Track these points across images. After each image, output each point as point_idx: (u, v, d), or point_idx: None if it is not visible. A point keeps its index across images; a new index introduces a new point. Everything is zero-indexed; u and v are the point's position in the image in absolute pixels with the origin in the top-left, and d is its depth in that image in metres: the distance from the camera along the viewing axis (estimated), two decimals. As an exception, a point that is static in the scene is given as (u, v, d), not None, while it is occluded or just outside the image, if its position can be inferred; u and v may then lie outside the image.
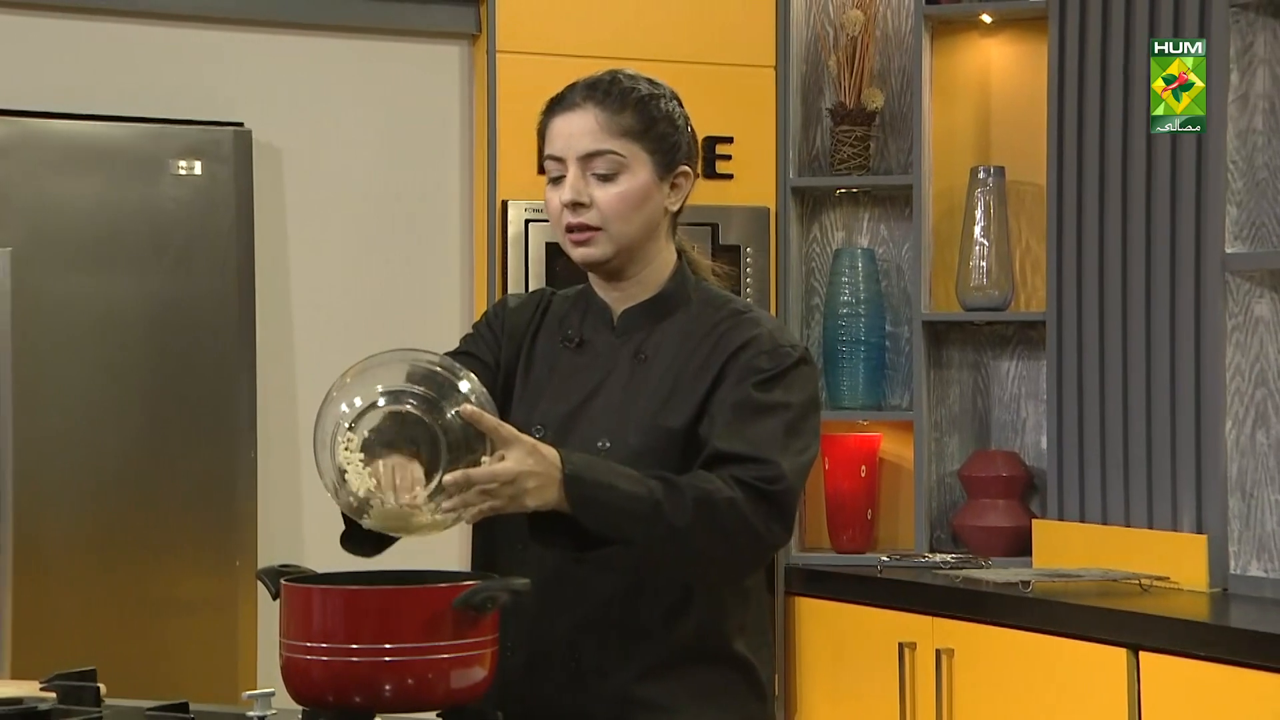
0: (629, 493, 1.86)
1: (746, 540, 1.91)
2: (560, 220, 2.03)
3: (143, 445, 3.53)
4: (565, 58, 3.80)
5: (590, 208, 2.01)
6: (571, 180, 2.01)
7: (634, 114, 2.01)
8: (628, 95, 2.02)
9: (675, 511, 1.87)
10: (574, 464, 1.85)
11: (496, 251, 3.86)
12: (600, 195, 2.00)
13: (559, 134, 2.03)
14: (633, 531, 1.86)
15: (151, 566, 3.52)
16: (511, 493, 1.81)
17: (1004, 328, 4.05)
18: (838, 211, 4.18)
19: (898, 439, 4.07)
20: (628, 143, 2.00)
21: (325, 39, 3.87)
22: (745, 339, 2.01)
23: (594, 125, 2.00)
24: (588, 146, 2.00)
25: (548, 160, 2.04)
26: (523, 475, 1.80)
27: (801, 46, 4.10)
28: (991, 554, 3.84)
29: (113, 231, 3.51)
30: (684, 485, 1.89)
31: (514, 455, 1.81)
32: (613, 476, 1.87)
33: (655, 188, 2.03)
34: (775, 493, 1.92)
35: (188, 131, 3.58)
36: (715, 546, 1.90)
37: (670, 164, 2.04)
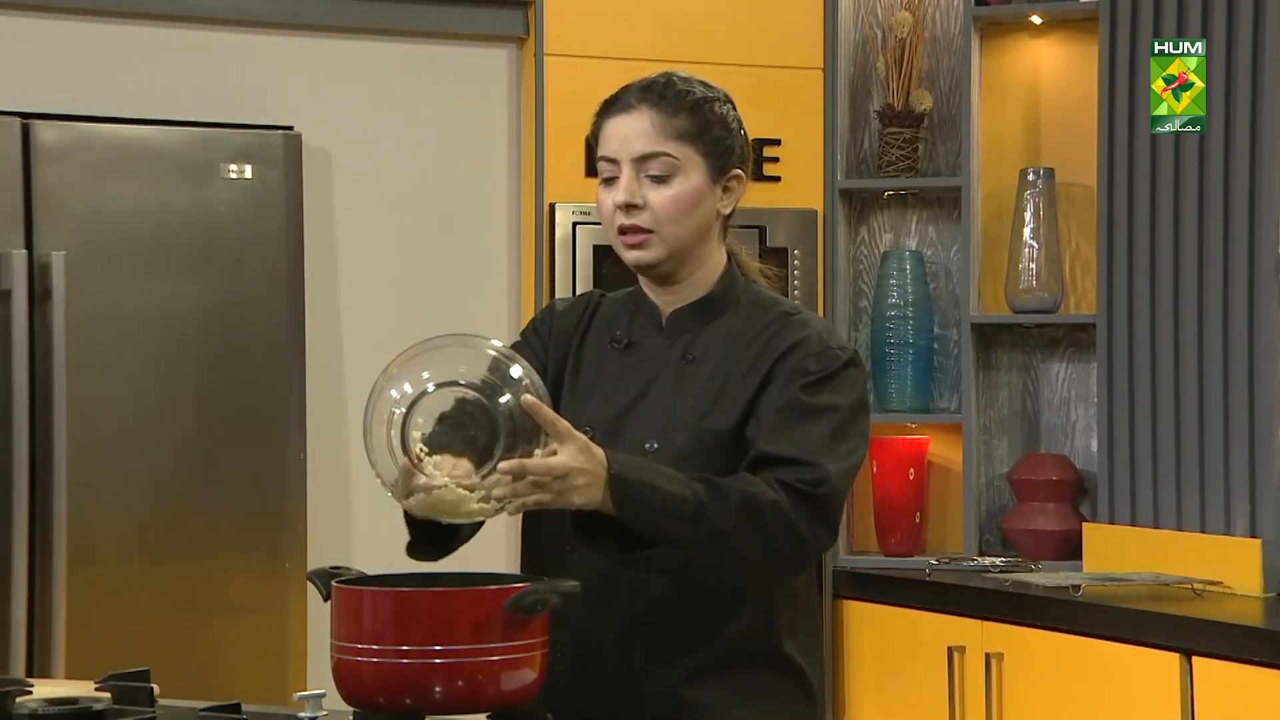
0: (673, 494, 1.86)
1: (790, 543, 1.91)
2: (612, 221, 2.03)
3: (193, 448, 3.55)
4: (613, 60, 3.80)
5: (643, 210, 2.00)
6: (625, 182, 2.01)
7: (689, 116, 2.01)
8: (683, 98, 2.01)
9: (719, 514, 1.86)
10: (619, 464, 1.85)
11: (544, 254, 3.86)
12: (654, 197, 2.00)
13: (613, 135, 2.03)
14: (676, 533, 1.86)
15: (202, 568, 3.54)
16: (561, 488, 1.81)
17: (1054, 330, 4.02)
18: (886, 214, 4.16)
19: (946, 442, 4.05)
20: (682, 145, 2.00)
21: (374, 43, 3.88)
22: (794, 341, 2.00)
23: (649, 127, 2.00)
24: (642, 148, 2.00)
25: (601, 161, 2.04)
26: (574, 471, 1.81)
27: (850, 48, 4.09)
28: (1041, 557, 3.82)
29: (164, 235, 3.53)
30: (728, 488, 1.88)
31: (567, 451, 1.81)
32: (657, 478, 1.87)
33: (708, 191, 2.02)
34: (820, 496, 1.91)
35: (238, 135, 3.60)
36: (759, 549, 1.90)
37: (723, 167, 2.04)
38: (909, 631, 3.71)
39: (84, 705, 1.88)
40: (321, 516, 3.71)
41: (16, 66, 3.59)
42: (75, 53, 3.64)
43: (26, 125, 3.43)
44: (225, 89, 3.73)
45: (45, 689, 2.01)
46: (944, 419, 4.03)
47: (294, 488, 3.62)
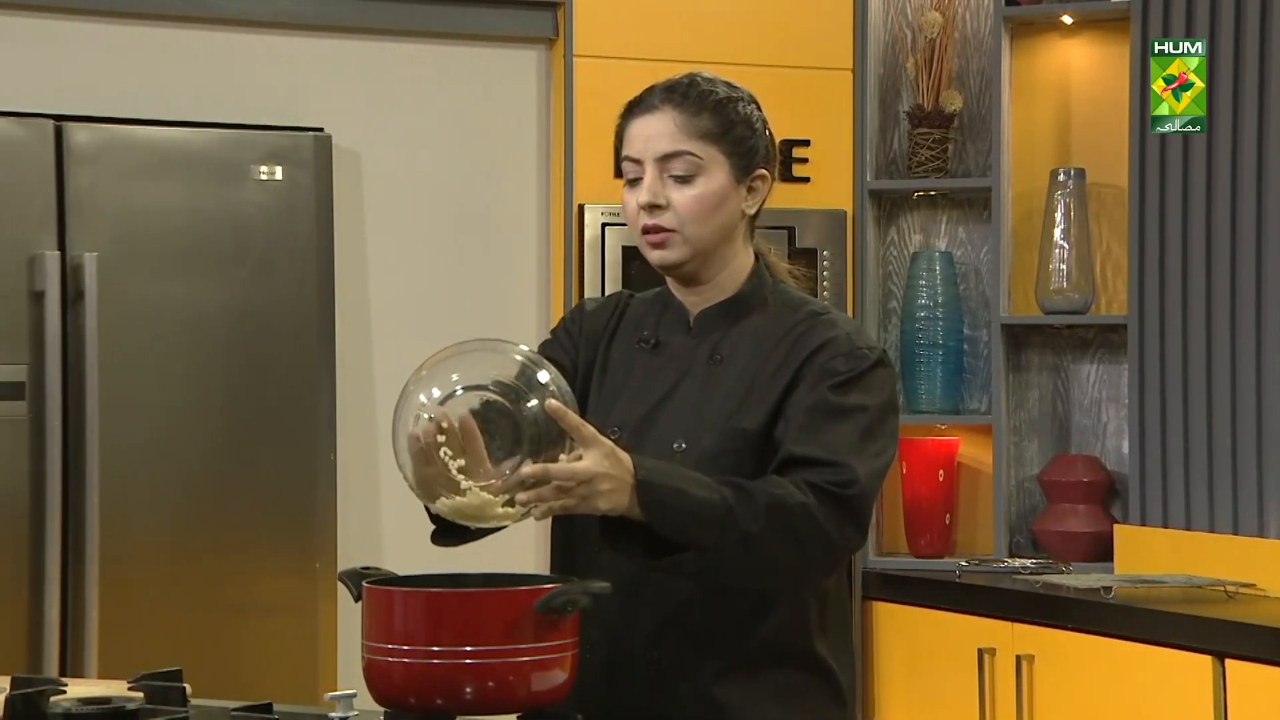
0: (700, 498, 1.85)
1: (819, 545, 1.90)
2: (637, 222, 2.03)
3: (224, 448, 3.56)
4: (642, 62, 3.80)
5: (667, 209, 2.00)
6: (649, 182, 2.01)
7: (712, 116, 2.01)
8: (706, 97, 2.01)
9: (747, 517, 1.86)
10: (646, 469, 1.84)
11: (573, 255, 3.86)
12: (677, 197, 2.00)
13: (637, 136, 2.03)
14: (704, 537, 1.86)
15: (233, 568, 3.55)
16: (585, 493, 1.81)
17: (1084, 331, 4.01)
18: (915, 214, 4.15)
19: (976, 443, 4.04)
20: (705, 144, 2.00)
21: (403, 44, 3.88)
22: (822, 341, 2.00)
23: (672, 127, 2.00)
24: (665, 148, 2.00)
25: (625, 162, 2.04)
26: (598, 477, 1.80)
27: (879, 49, 4.08)
28: (1072, 559, 3.81)
29: (196, 236, 3.54)
30: (756, 491, 1.88)
31: (592, 456, 1.81)
32: (684, 482, 1.86)
33: (732, 190, 2.02)
34: (849, 497, 1.90)
35: (269, 137, 3.61)
36: (788, 552, 1.89)
37: (748, 167, 2.03)
38: (939, 633, 3.70)
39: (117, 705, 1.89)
40: (351, 517, 3.72)
41: (49, 69, 3.61)
42: (107, 55, 3.66)
43: (59, 127, 3.44)
44: (256, 91, 3.74)
45: (79, 688, 2.02)
46: (974, 420, 4.02)
47: (324, 488, 3.62)
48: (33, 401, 3.36)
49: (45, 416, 3.36)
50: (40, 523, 3.36)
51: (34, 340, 3.37)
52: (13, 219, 3.39)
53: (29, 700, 1.90)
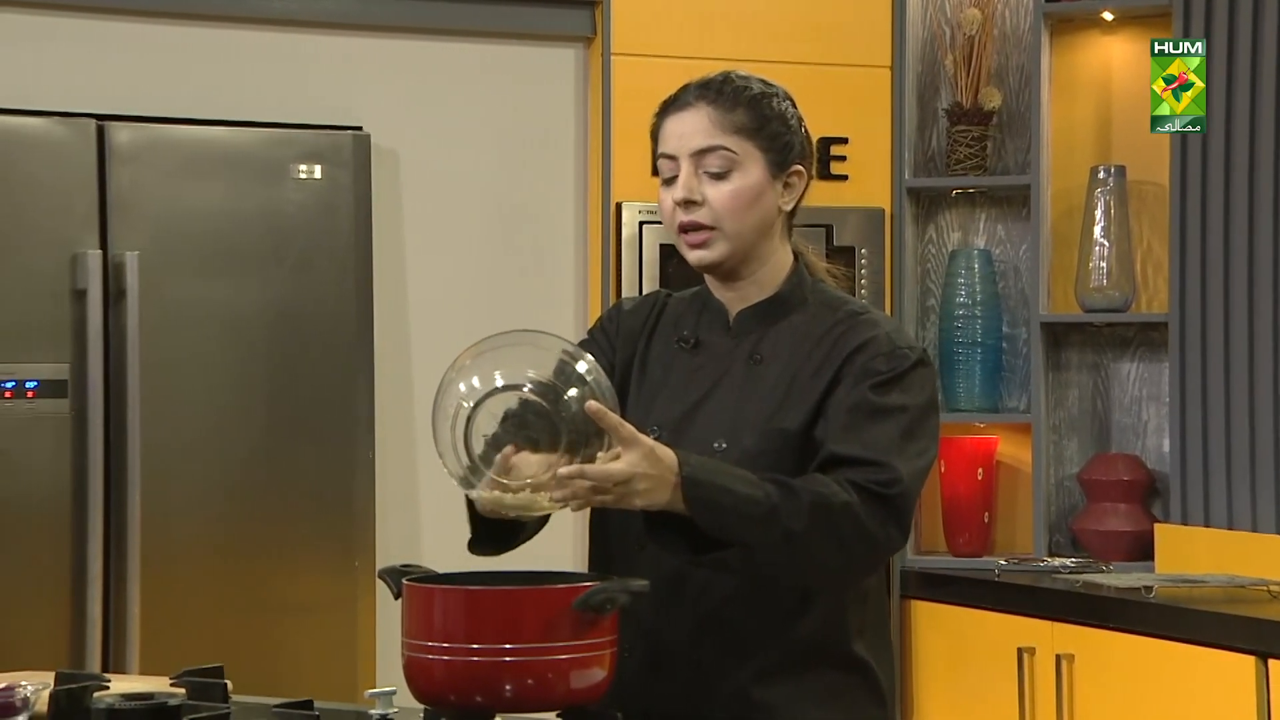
0: (746, 496, 1.85)
1: (862, 545, 1.90)
2: (673, 219, 2.02)
3: (264, 447, 3.58)
4: (680, 60, 3.79)
5: (702, 206, 2.00)
6: (684, 178, 2.00)
7: (746, 112, 2.00)
8: (740, 93, 2.01)
9: (791, 515, 1.85)
10: (691, 466, 1.84)
11: (611, 254, 3.86)
12: (712, 193, 2.00)
13: (672, 133, 2.03)
14: (748, 535, 1.85)
15: (273, 566, 3.56)
16: (622, 492, 1.81)
17: (1125, 329, 3.98)
18: (954, 212, 4.13)
19: (1015, 441, 4.02)
20: (740, 140, 1.99)
21: (441, 43, 3.89)
22: (862, 340, 1.99)
23: (706, 123, 2.00)
24: (700, 143, 2.00)
25: (661, 159, 2.04)
26: (635, 477, 1.80)
27: (918, 46, 4.06)
28: (1112, 558, 3.79)
29: (235, 235, 3.56)
30: (800, 489, 1.87)
31: (630, 456, 1.81)
32: (729, 479, 1.86)
33: (768, 186, 2.01)
34: (892, 497, 1.90)
35: (308, 136, 3.62)
36: (830, 551, 1.89)
37: (783, 163, 2.03)
38: (978, 632, 3.68)
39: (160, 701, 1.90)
40: (390, 515, 3.72)
41: (91, 69, 3.63)
42: (148, 55, 3.68)
43: (101, 127, 3.47)
44: (295, 90, 3.75)
45: (121, 684, 2.04)
46: (1013, 419, 4.00)
47: (363, 487, 3.64)
48: (75, 400, 3.38)
49: (87, 414, 3.38)
50: (82, 520, 3.38)
51: (76, 339, 3.39)
52: (55, 218, 3.41)
53: (73, 696, 1.92)
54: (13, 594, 3.36)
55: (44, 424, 3.38)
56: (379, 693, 1.93)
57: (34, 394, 3.37)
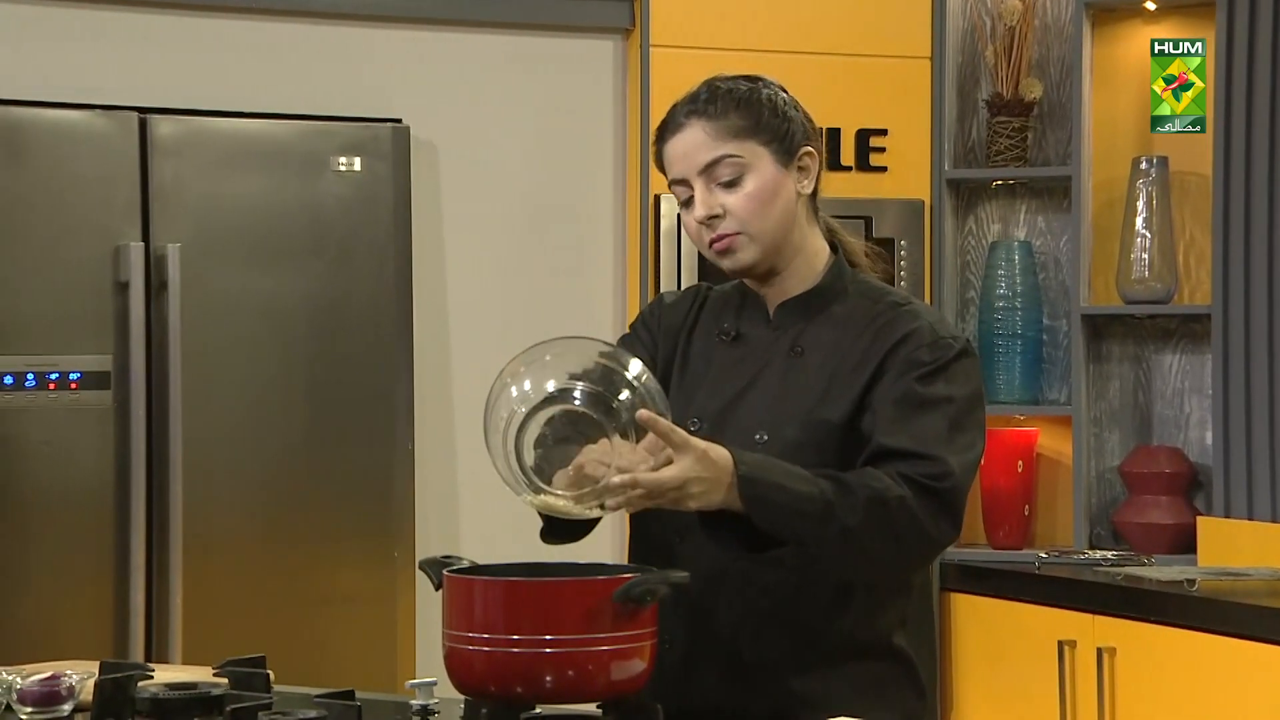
0: (802, 493, 1.85)
1: (916, 539, 1.90)
2: (701, 239, 2.02)
3: (304, 438, 3.59)
4: (719, 51, 3.79)
5: (724, 217, 1.99)
6: (700, 196, 1.99)
7: (738, 113, 1.99)
8: (727, 98, 2.00)
9: (847, 511, 1.86)
10: (747, 465, 1.84)
11: (650, 246, 3.86)
12: (731, 201, 1.99)
13: (674, 158, 2.02)
14: (805, 531, 1.86)
15: (314, 557, 3.58)
16: (676, 497, 1.82)
17: (1167, 321, 3.96)
18: (994, 204, 4.11)
19: (1055, 434, 4.00)
20: (741, 142, 1.99)
21: (480, 35, 3.90)
22: (905, 332, 1.98)
23: (703, 137, 1.99)
24: (703, 158, 1.99)
25: (673, 186, 2.03)
26: (689, 482, 1.81)
27: (958, 37, 4.05)
28: (1154, 551, 3.76)
29: (276, 227, 3.57)
30: (855, 484, 1.87)
31: (683, 462, 1.81)
32: (785, 477, 1.86)
33: (783, 177, 2.01)
34: (944, 490, 1.90)
35: (348, 128, 3.64)
36: (885, 546, 1.89)
37: (790, 150, 2.02)
38: (1018, 625, 3.67)
39: (203, 690, 1.91)
40: (429, 507, 3.74)
41: (134, 62, 3.65)
42: (190, 48, 3.70)
43: (144, 119, 3.49)
44: (335, 82, 3.77)
45: (165, 674, 2.05)
46: (1053, 411, 3.98)
47: (402, 479, 3.65)
48: (117, 391, 3.41)
49: (130, 406, 3.40)
50: (125, 511, 3.40)
51: (119, 330, 3.41)
52: (98, 210, 3.43)
53: (118, 685, 1.93)
54: (57, 584, 3.39)
55: (87, 415, 3.40)
56: (420, 683, 1.94)
57: (77, 385, 3.39)
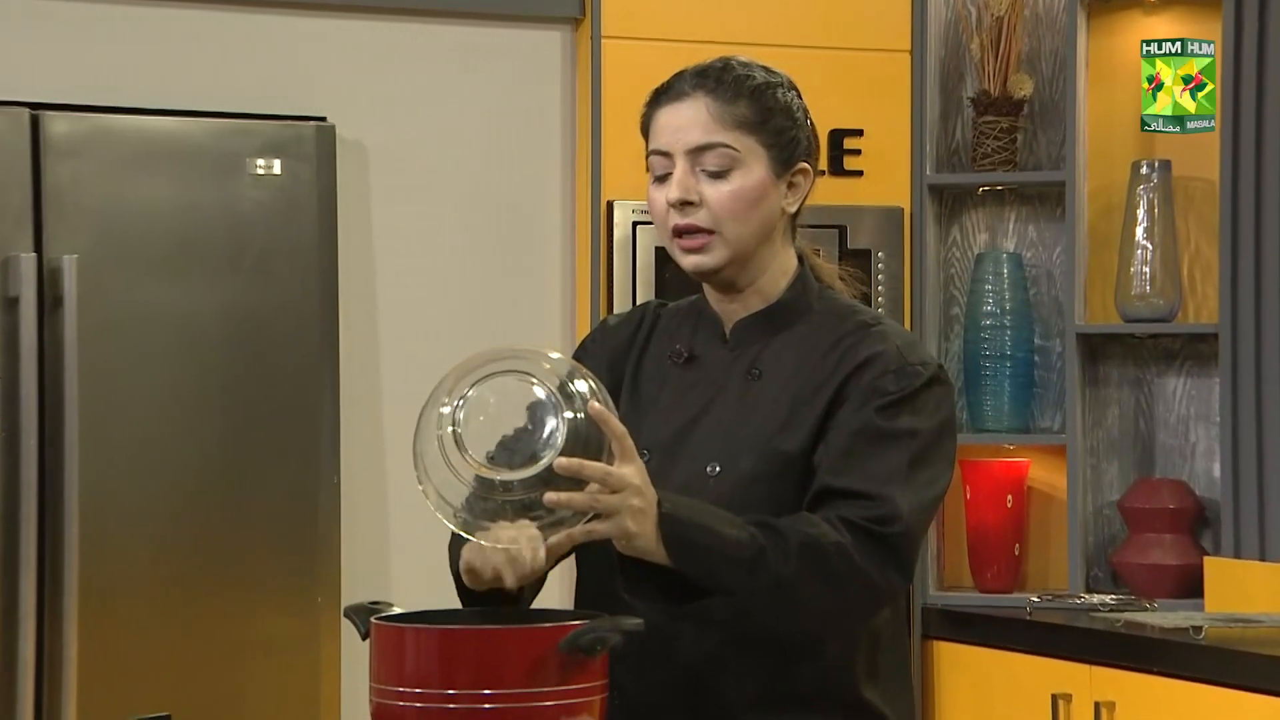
0: (729, 537, 1.85)
1: (858, 589, 1.90)
2: (666, 222, 2.01)
3: (216, 470, 3.57)
4: (677, 44, 3.80)
5: (700, 207, 1.99)
6: (679, 176, 1.99)
7: (749, 104, 1.99)
8: (742, 83, 2.00)
9: (778, 558, 1.85)
10: (671, 502, 1.84)
11: (601, 257, 3.86)
12: (711, 193, 1.98)
13: (665, 126, 2.01)
14: (732, 580, 1.85)
15: (227, 602, 3.56)
16: (617, 504, 1.79)
17: (1170, 341, 3.99)
18: (980, 212, 4.14)
19: (1048, 465, 4.02)
20: (741, 135, 1.99)
21: (414, 24, 3.89)
22: (869, 354, 1.98)
23: (705, 116, 1.99)
24: (698, 139, 1.99)
25: (652, 155, 2.03)
26: (633, 489, 1.80)
27: (940, 28, 4.07)
28: (1157, 595, 3.78)
29: (185, 236, 3.56)
30: (787, 530, 1.87)
31: (629, 469, 1.80)
32: (711, 519, 1.86)
33: (771, 186, 2.01)
34: (889, 536, 1.89)
35: (267, 127, 3.63)
36: (823, 596, 1.88)
37: (788, 160, 2.02)
38: (1008, 677, 3.68)
39: (99, 753, 1.89)
40: (357, 546, 3.72)
41: (25, 53, 3.63)
42: (89, 37, 3.67)
43: (36, 117, 3.46)
44: (252, 77, 3.75)
45: (56, 735, 2.03)
46: (1046, 440, 4.00)
47: (327, 514, 3.63)
48: (6, 418, 3.38)
49: (20, 434, 3.37)
50: (13, 550, 3.36)
51: (7, 350, 3.38)
52: (-15, 217, 3.42)
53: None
54: (-63, 634, 3.36)
55: (-28, 445, 3.38)
56: (344, 743, 1.92)
57: (-39, 412, 3.37)
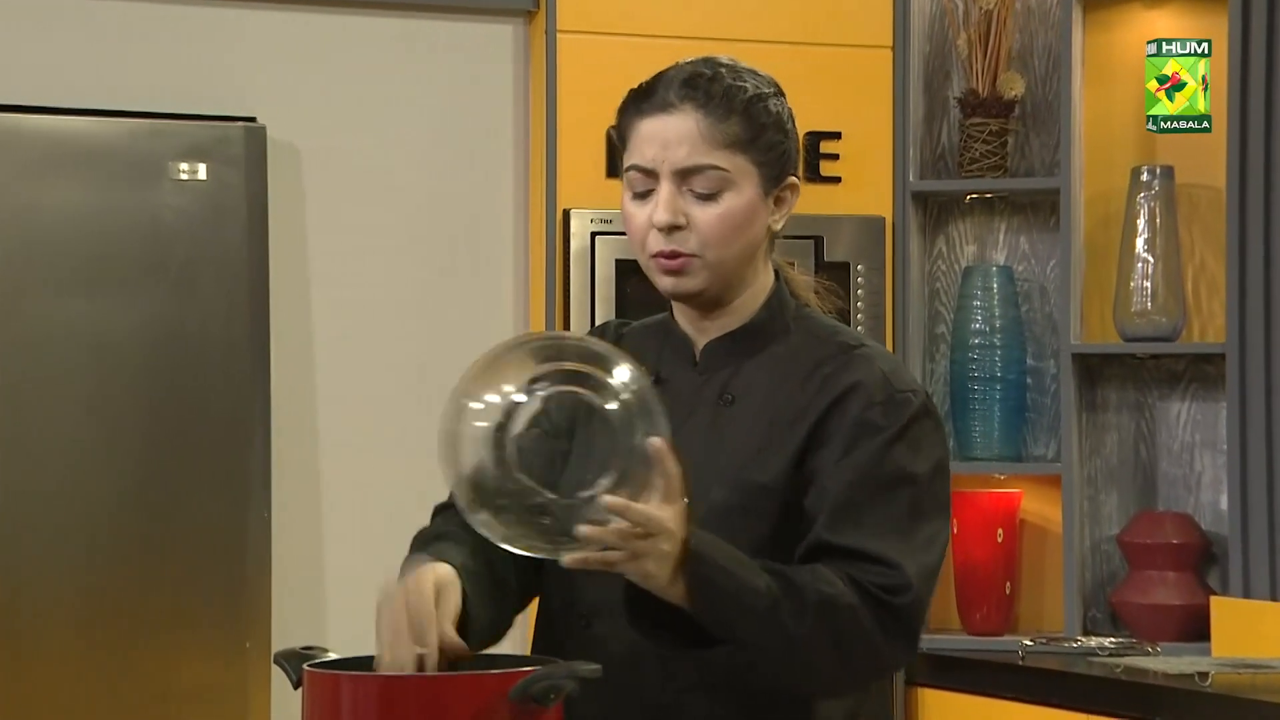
0: (749, 585, 1.85)
1: (866, 657, 1.91)
2: (646, 243, 2.00)
3: (136, 502, 3.56)
4: (639, 38, 3.82)
5: (686, 231, 1.98)
6: (666, 198, 1.97)
7: (740, 120, 1.98)
8: (734, 97, 1.98)
9: (794, 614, 1.86)
10: (699, 539, 1.84)
11: (557, 270, 3.86)
12: (700, 216, 1.98)
13: (650, 140, 1.99)
14: (745, 629, 1.86)
15: (147, 648, 3.55)
16: (647, 547, 1.80)
17: (1173, 362, 4.00)
18: (968, 221, 4.15)
19: (1042, 497, 4.03)
20: (733, 155, 1.98)
21: (352, 17, 3.89)
22: (852, 382, 1.98)
23: (694, 133, 1.97)
24: (688, 160, 1.97)
25: (631, 171, 2.00)
26: (667, 534, 1.80)
27: (924, 23, 4.09)
28: (1160, 638, 3.79)
29: (101, 247, 3.55)
30: (804, 585, 1.88)
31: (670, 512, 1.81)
32: (733, 562, 1.86)
33: (760, 205, 2.00)
34: (900, 607, 1.90)
35: (190, 128, 3.63)
36: (829, 659, 1.90)
37: (778, 176, 2.02)
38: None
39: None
40: (289, 586, 3.71)
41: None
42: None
43: (-63, 116, 3.46)
44: (175, 73, 3.74)
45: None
46: (1039, 469, 4.01)
47: (256, 552, 3.62)
48: (-97, 446, 3.37)
49: (-82, 464, 3.36)
50: (-89, 593, 3.35)
51: (-95, 372, 3.37)
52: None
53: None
54: None
55: None
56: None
57: None
